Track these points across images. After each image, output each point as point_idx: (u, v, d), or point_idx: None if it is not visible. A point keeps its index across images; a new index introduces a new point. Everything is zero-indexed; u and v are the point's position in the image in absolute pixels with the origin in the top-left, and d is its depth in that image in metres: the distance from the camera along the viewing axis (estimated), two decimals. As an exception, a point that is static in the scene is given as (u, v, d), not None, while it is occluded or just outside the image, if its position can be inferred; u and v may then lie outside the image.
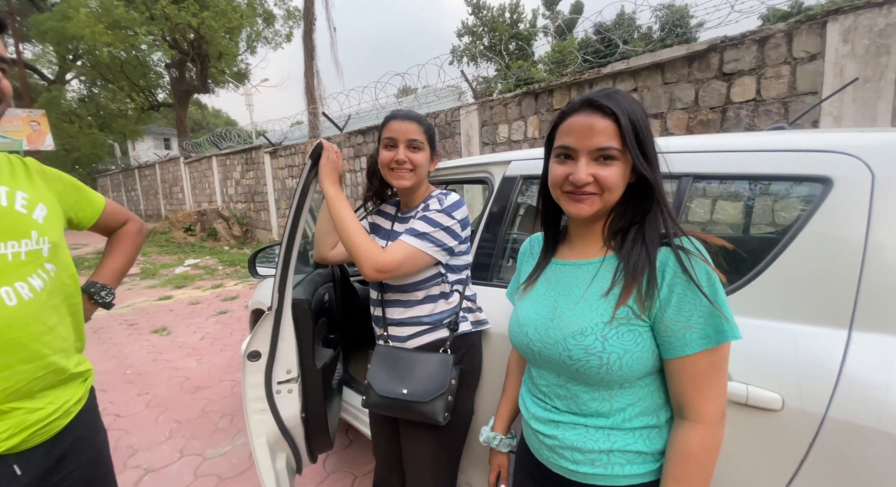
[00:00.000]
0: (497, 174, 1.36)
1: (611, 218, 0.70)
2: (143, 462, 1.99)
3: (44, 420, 0.75)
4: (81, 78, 16.72)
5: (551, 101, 4.00)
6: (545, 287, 0.76)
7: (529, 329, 0.73)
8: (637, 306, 0.62)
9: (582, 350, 0.64)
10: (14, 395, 0.71)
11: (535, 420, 0.74)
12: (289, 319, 1.14)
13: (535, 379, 0.76)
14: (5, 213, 0.73)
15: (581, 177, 0.64)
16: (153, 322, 4.19)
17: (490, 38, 21.19)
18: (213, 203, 11.07)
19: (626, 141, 0.62)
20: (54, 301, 0.79)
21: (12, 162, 0.82)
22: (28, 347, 0.72)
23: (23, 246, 0.73)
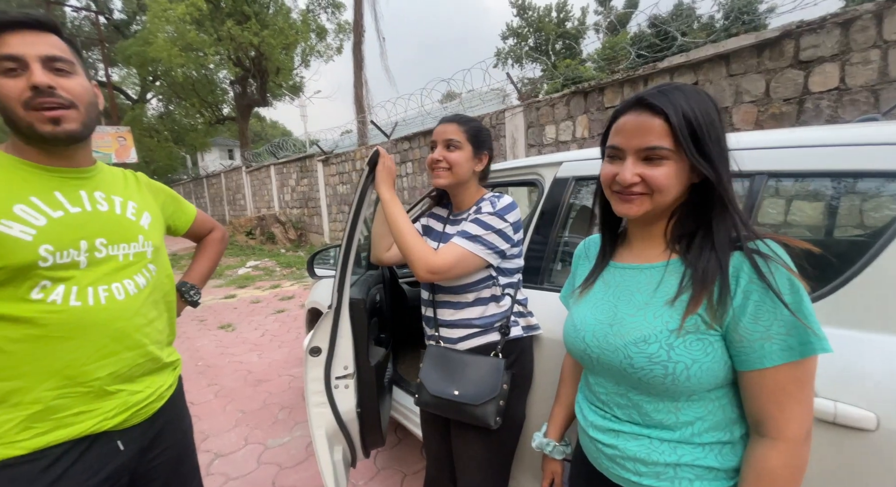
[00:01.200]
0: (548, 176, 1.35)
1: (674, 219, 0.67)
2: (214, 446, 2.17)
3: (142, 402, 0.84)
4: (159, 97, 18.64)
5: (602, 100, 3.86)
6: (603, 291, 0.73)
7: (586, 334, 0.71)
8: (707, 315, 0.59)
9: (645, 358, 0.61)
10: (119, 378, 0.80)
11: (594, 428, 0.72)
12: (346, 317, 1.20)
13: (592, 386, 0.74)
14: (119, 220, 0.83)
15: (626, 178, 0.62)
16: (220, 318, 4.55)
17: (536, 38, 20.89)
18: (271, 209, 11.84)
19: (680, 140, 0.59)
20: (154, 297, 0.88)
21: (126, 175, 0.94)
22: (131, 337, 0.81)
23: (131, 249, 0.83)
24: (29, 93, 0.69)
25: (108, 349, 0.77)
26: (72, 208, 0.76)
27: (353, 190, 1.17)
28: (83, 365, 0.74)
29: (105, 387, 0.77)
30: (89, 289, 0.75)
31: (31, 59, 0.69)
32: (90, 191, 0.80)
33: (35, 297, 0.70)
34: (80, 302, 0.73)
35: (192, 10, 11.70)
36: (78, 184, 0.79)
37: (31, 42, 0.70)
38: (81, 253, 0.74)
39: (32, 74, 0.69)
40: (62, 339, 0.71)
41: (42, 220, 0.71)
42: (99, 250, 0.77)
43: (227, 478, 1.92)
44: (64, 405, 0.73)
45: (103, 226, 0.79)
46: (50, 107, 0.70)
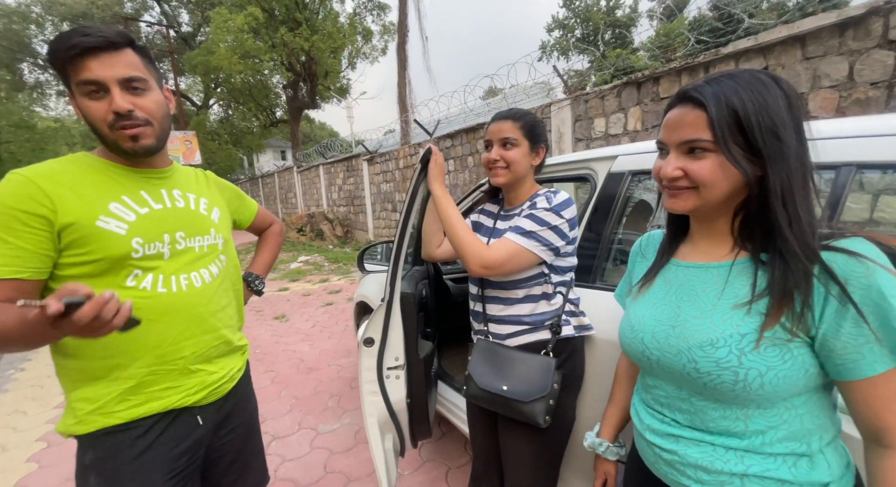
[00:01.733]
0: (601, 170, 1.30)
1: (741, 216, 0.63)
2: (271, 429, 2.32)
3: (217, 382, 0.92)
4: (220, 102, 20.04)
5: (657, 90, 3.66)
6: (664, 290, 0.70)
7: (645, 335, 0.68)
8: (790, 323, 0.54)
9: (712, 363, 0.58)
10: (199, 358, 0.88)
11: (651, 432, 0.69)
12: (398, 310, 1.24)
13: (650, 388, 0.71)
14: (194, 215, 0.91)
15: (667, 172, 0.61)
16: (275, 310, 4.83)
17: (583, 29, 20.15)
18: (319, 206, 12.38)
19: (717, 133, 0.56)
20: (225, 285, 0.96)
21: (196, 174, 1.02)
22: (208, 321, 0.89)
23: (205, 241, 0.91)
24: (112, 117, 0.76)
25: (189, 331, 0.85)
26: (155, 205, 0.83)
27: (406, 187, 1.20)
28: (170, 345, 0.82)
29: (188, 366, 0.86)
30: (172, 278, 0.82)
31: (111, 83, 0.75)
32: (169, 189, 0.88)
33: (129, 284, 0.78)
34: (165, 289, 0.81)
35: (249, 19, 12.47)
36: (159, 184, 0.87)
37: (109, 64, 0.75)
38: (165, 246, 0.82)
39: (114, 100, 0.75)
40: (152, 322, 0.79)
41: (132, 216, 0.79)
42: (179, 242, 0.84)
43: (283, 459, 2.04)
44: (154, 380, 0.82)
45: (181, 221, 0.86)
46: (131, 128, 0.77)
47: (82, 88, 0.74)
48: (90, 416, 0.78)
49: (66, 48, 0.72)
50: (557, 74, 4.70)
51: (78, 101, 0.76)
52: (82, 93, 0.75)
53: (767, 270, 0.58)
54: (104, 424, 0.78)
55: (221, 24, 12.60)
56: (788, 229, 0.56)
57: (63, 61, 0.73)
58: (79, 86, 0.74)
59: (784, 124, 0.56)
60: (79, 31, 0.74)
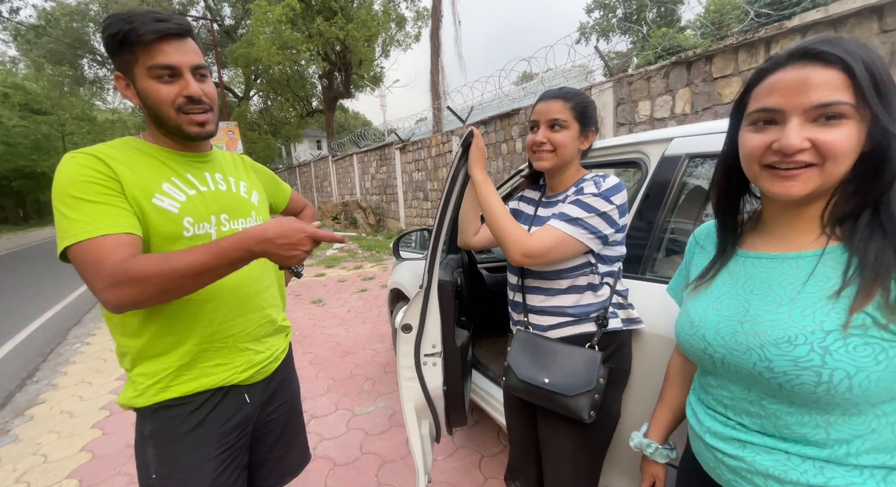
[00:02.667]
0: (654, 154, 1.22)
1: (836, 198, 0.55)
2: (309, 408, 2.41)
3: (263, 362, 0.94)
4: (260, 93, 20.69)
5: (710, 70, 3.40)
6: (730, 283, 0.64)
7: (708, 332, 0.63)
8: (883, 313, 0.48)
9: (790, 362, 0.52)
10: (247, 337, 0.91)
11: (712, 435, 0.64)
12: (435, 297, 1.23)
13: (711, 389, 0.65)
14: (235, 198, 0.92)
15: (793, 143, 0.50)
16: (312, 294, 5.00)
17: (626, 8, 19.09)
18: (353, 195, 12.61)
19: (865, 94, 0.48)
20: (268, 267, 0.97)
21: (234, 158, 1.03)
22: (254, 301, 0.91)
23: (247, 223, 0.92)
24: (182, 100, 0.78)
25: (237, 311, 0.87)
26: (201, 187, 0.85)
27: (437, 176, 1.17)
28: (220, 324, 0.85)
29: (237, 344, 0.88)
30: None
31: (185, 69, 0.78)
32: (212, 172, 0.90)
33: None
34: None
35: (287, 10, 12.68)
36: (203, 167, 0.88)
37: (183, 51, 0.78)
38: (212, 226, 0.84)
39: (189, 85, 0.78)
40: (203, 301, 0.82)
41: (183, 196, 0.81)
42: (224, 224, 0.86)
43: (322, 438, 2.12)
44: (206, 357, 0.85)
45: (225, 203, 0.88)
46: (198, 113, 0.81)
47: (155, 72, 0.76)
48: (149, 390, 0.81)
49: (145, 32, 0.73)
50: (599, 55, 4.48)
51: (143, 84, 0.77)
52: (153, 77, 0.76)
53: (859, 255, 0.51)
54: (162, 398, 0.82)
55: (261, 16, 12.90)
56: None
57: (136, 44, 0.74)
58: (151, 70, 0.76)
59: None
60: (152, 16, 0.74)
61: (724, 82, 3.34)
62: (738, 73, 3.24)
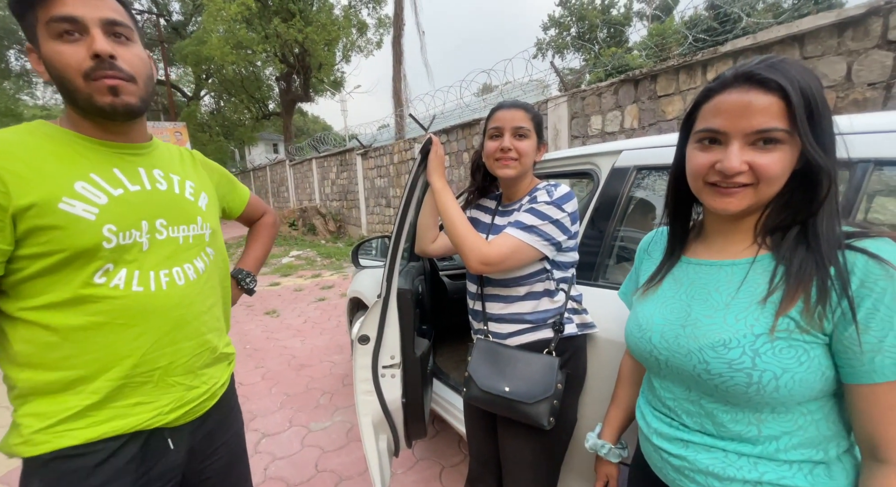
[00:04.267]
0: (604, 165, 1.27)
1: (767, 211, 0.60)
2: (261, 426, 2.27)
3: (197, 399, 0.78)
4: (212, 94, 19.68)
5: (654, 88, 3.64)
6: (673, 289, 0.67)
7: (653, 335, 0.65)
8: (804, 318, 0.52)
9: (724, 364, 0.55)
10: (179, 370, 0.75)
11: (658, 436, 0.67)
12: (394, 307, 1.20)
13: (657, 390, 0.68)
14: (178, 200, 0.77)
15: (733, 165, 0.54)
16: (266, 305, 4.76)
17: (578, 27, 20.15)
18: (312, 201, 12.24)
19: (797, 121, 0.51)
20: (212, 283, 0.83)
21: (181, 152, 0.88)
22: (191, 324, 0.76)
23: (190, 231, 0.78)
24: (90, 63, 0.62)
25: (169, 337, 0.72)
26: (131, 186, 0.70)
27: (400, 183, 1.15)
28: (145, 354, 0.70)
29: (165, 378, 0.73)
30: (151, 274, 0.70)
31: (92, 23, 0.62)
32: (149, 168, 0.75)
33: (98, 281, 0.65)
34: (142, 288, 0.69)
35: (242, 9, 12.22)
36: (136, 161, 0.73)
37: (90, 3, 0.63)
38: (143, 235, 0.70)
39: (94, 41, 0.62)
40: (125, 327, 0.67)
41: (104, 199, 0.65)
42: (160, 231, 0.72)
43: (274, 457, 2.00)
44: (123, 394, 0.69)
45: (163, 206, 0.74)
46: (111, 77, 0.65)
47: (54, 28, 0.61)
48: (39, 436, 0.64)
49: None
50: (555, 71, 4.67)
51: (45, 48, 0.62)
52: (53, 35, 0.61)
53: (785, 264, 0.55)
54: (57, 445, 0.64)
55: (215, 13, 12.33)
56: (823, 223, 0.54)
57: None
58: (49, 26, 0.61)
59: (830, 114, 0.54)
60: None
61: (667, 100, 3.59)
62: (679, 92, 3.49)
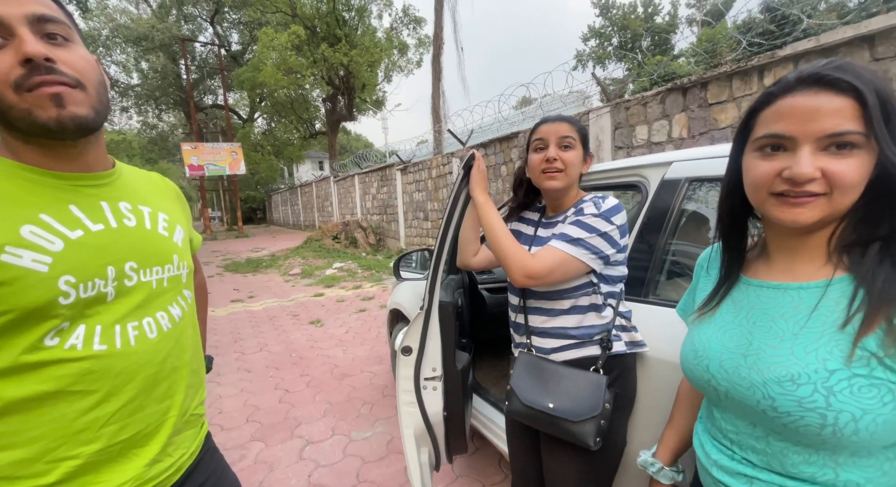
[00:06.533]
0: (653, 177, 1.23)
1: (842, 226, 0.54)
2: (305, 433, 2.34)
3: (161, 474, 0.64)
4: (264, 116, 21.14)
5: (705, 96, 3.49)
6: (733, 312, 0.62)
7: (711, 363, 0.61)
8: (884, 347, 0.46)
9: (793, 402, 0.50)
10: (142, 440, 0.61)
11: (718, 468, 0.62)
12: (436, 319, 1.21)
13: (718, 421, 0.63)
14: (150, 237, 0.65)
15: (804, 171, 0.48)
16: (310, 314, 4.94)
17: (620, 37, 19.78)
18: (354, 215, 12.68)
19: (873, 124, 0.47)
20: (189, 331, 0.70)
21: (150, 178, 0.75)
22: (161, 385, 0.63)
23: (165, 273, 0.66)
24: (20, 71, 0.50)
25: (136, 403, 0.59)
26: (93, 226, 0.57)
27: (438, 196, 1.18)
28: (103, 427, 0.56)
29: (125, 452, 0.59)
30: (116, 328, 0.58)
31: (16, 22, 0.50)
32: (113, 201, 0.62)
33: (49, 344, 0.52)
34: (104, 346, 0.56)
35: (293, 37, 13.15)
36: (97, 194, 0.60)
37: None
38: (109, 283, 0.57)
39: (23, 43, 0.50)
40: (82, 395, 0.54)
41: (58, 244, 0.53)
42: (129, 277, 0.60)
43: (317, 465, 2.05)
44: (70, 475, 0.55)
45: (133, 247, 0.61)
46: (50, 84, 0.52)
47: None
48: None
49: None
50: (597, 82, 4.60)
51: None
52: None
53: (866, 285, 0.50)
54: None
55: (267, 43, 13.33)
56: None
57: None
58: None
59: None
60: None
61: (719, 108, 3.42)
62: (732, 99, 3.31)
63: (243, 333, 4.33)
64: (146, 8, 19.06)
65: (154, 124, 21.13)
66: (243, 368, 3.37)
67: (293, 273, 7.87)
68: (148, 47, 17.28)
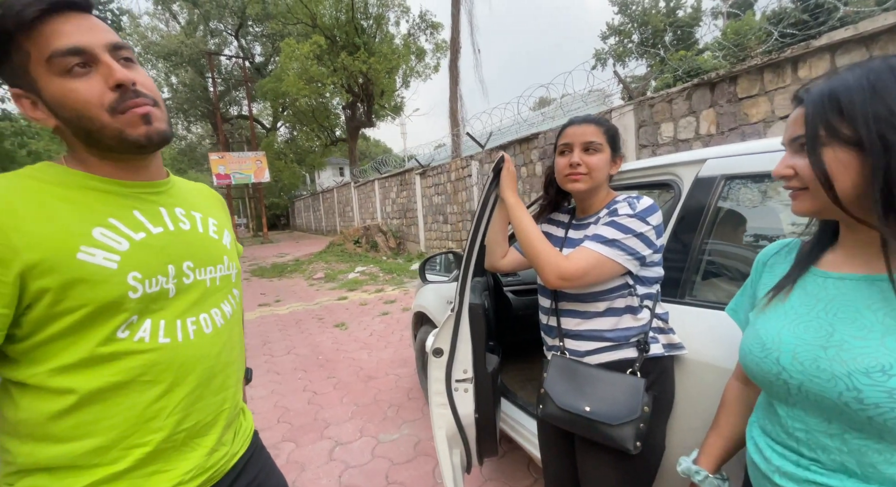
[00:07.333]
0: (686, 176, 1.20)
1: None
2: (334, 434, 2.38)
3: (218, 463, 0.68)
4: (287, 124, 21.74)
5: (734, 90, 3.38)
6: (807, 305, 0.60)
7: (783, 355, 0.58)
8: None
9: (883, 393, 0.48)
10: (203, 430, 0.66)
11: (781, 475, 0.59)
12: (467, 321, 1.21)
13: (782, 419, 0.60)
14: (203, 240, 0.70)
15: (777, 171, 0.58)
16: (335, 317, 5.02)
17: (641, 33, 19.41)
18: (374, 219, 12.85)
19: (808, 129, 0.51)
20: (238, 328, 0.76)
21: (200, 189, 0.80)
22: (217, 377, 0.68)
23: (217, 272, 0.71)
24: (113, 95, 0.56)
25: (196, 394, 0.64)
26: (154, 228, 0.63)
27: (457, 199, 1.18)
28: (170, 416, 0.61)
29: (188, 441, 0.64)
30: (177, 322, 0.63)
31: (100, 50, 0.55)
32: (170, 207, 0.68)
33: (121, 336, 0.57)
34: (168, 339, 0.61)
35: (314, 47, 13.49)
36: (156, 200, 0.66)
37: (87, 27, 0.56)
38: (170, 280, 0.62)
39: (112, 70, 0.55)
40: (150, 385, 0.59)
41: (125, 244, 0.58)
42: (187, 275, 0.65)
43: (347, 466, 2.08)
44: (141, 462, 0.59)
45: (188, 247, 0.67)
46: (141, 104, 0.58)
47: (59, 64, 0.53)
48: None
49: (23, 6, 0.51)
50: (619, 79, 4.53)
51: (52, 88, 0.55)
52: (59, 72, 0.54)
53: None
54: None
55: (290, 54, 13.72)
56: None
57: (17, 30, 0.52)
58: (53, 63, 0.53)
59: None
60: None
61: (750, 102, 3.30)
62: (764, 93, 3.20)
63: (271, 336, 4.44)
64: (175, 25, 19.96)
65: (183, 135, 22.04)
66: (273, 370, 3.45)
67: (317, 277, 8.02)
68: (177, 62, 18.07)
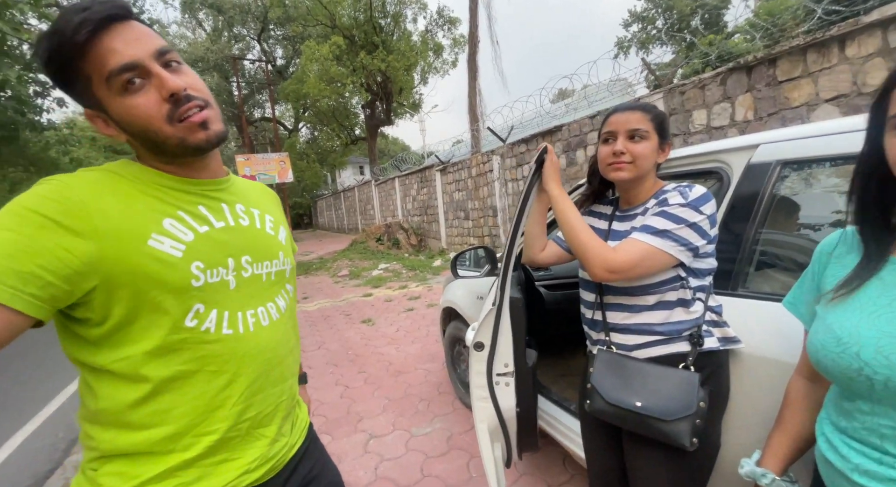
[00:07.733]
0: (736, 163, 1.15)
1: None
2: (368, 427, 2.42)
3: (279, 453, 0.71)
4: (308, 125, 22.11)
5: (773, 73, 3.21)
6: (888, 296, 0.57)
7: (863, 349, 0.56)
8: None
9: None
10: (265, 420, 0.68)
11: (862, 474, 0.56)
12: (507, 315, 1.21)
13: (863, 416, 0.58)
14: (260, 235, 0.72)
15: None
16: (361, 314, 5.10)
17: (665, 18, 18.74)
18: (395, 217, 12.94)
19: None
20: (292, 321, 0.78)
21: (257, 187, 0.83)
22: (276, 369, 0.70)
23: (273, 267, 0.73)
24: (168, 106, 0.57)
25: (258, 384, 0.67)
26: (216, 223, 0.66)
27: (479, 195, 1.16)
28: (235, 404, 0.64)
29: (251, 431, 0.67)
30: (239, 314, 0.65)
31: (148, 61, 0.56)
32: (231, 203, 0.70)
33: (189, 325, 0.59)
34: (231, 330, 0.63)
35: (333, 48, 13.63)
36: (218, 197, 0.69)
37: (134, 38, 0.56)
38: (230, 272, 0.65)
39: (163, 80, 0.57)
40: (216, 374, 0.62)
41: (190, 235, 0.61)
42: (245, 269, 0.67)
43: (382, 458, 2.11)
44: (210, 451, 0.62)
45: (247, 242, 0.69)
46: (194, 111, 0.60)
47: (117, 82, 0.55)
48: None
49: (71, 31, 0.52)
50: (647, 67, 4.38)
51: (117, 108, 0.57)
52: (118, 90, 0.56)
53: None
54: None
55: (310, 55, 13.91)
56: None
57: (74, 56, 0.54)
58: (111, 82, 0.55)
59: None
60: (73, 9, 0.53)
61: (791, 85, 3.14)
62: (807, 75, 3.03)
63: (302, 332, 4.53)
64: (202, 32, 20.55)
65: (210, 139, 22.69)
66: (305, 365, 3.53)
67: (342, 274, 8.16)
68: (204, 68, 18.61)
